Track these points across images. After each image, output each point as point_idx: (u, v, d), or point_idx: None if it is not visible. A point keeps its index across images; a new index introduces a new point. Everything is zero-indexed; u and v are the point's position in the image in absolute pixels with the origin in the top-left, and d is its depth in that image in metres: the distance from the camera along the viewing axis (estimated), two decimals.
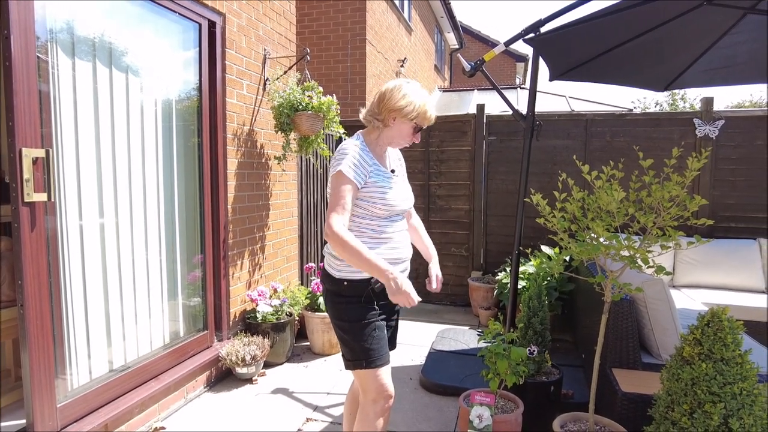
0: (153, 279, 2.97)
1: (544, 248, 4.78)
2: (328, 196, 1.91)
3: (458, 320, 4.89)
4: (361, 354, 1.89)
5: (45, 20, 2.22)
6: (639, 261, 2.01)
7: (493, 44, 17.80)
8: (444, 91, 14.49)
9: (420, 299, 1.77)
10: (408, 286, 1.74)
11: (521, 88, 12.57)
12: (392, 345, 2.10)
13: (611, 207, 2.03)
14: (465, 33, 17.09)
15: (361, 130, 2.03)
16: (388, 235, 1.93)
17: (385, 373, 1.91)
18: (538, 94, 3.19)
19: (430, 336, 4.42)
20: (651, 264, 2.00)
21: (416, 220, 2.28)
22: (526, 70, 19.37)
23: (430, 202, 5.65)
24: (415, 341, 4.29)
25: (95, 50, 2.54)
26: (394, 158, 2.11)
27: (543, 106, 9.10)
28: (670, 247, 1.97)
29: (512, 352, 2.29)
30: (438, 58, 14.32)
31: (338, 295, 1.93)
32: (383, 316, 1.95)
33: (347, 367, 1.93)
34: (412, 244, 2.14)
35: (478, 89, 13.16)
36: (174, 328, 3.16)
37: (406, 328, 4.69)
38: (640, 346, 2.70)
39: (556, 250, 4.65)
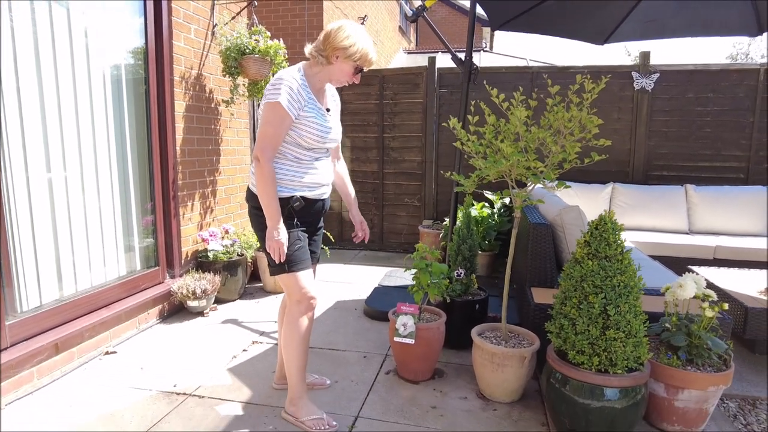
0: (104, 213, 3.06)
1: (486, 193, 5.03)
2: (258, 119, 2.00)
3: (409, 264, 5.12)
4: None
5: None
6: (542, 178, 2.22)
7: (459, 8, 17.77)
8: (409, 53, 14.48)
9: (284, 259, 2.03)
10: (283, 240, 1.99)
11: (484, 50, 12.67)
12: (315, 258, 2.29)
13: (520, 129, 2.23)
14: None
15: (303, 62, 2.09)
16: (308, 163, 2.09)
17: (306, 277, 2.11)
18: (500, 56, 3.36)
19: (380, 277, 4.64)
20: (553, 179, 2.22)
21: (342, 167, 2.43)
22: (492, 35, 19.42)
23: (384, 154, 5.80)
24: (365, 282, 4.51)
25: None
26: (330, 96, 2.22)
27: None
28: (570, 162, 2.18)
29: (433, 267, 2.51)
30: (402, 20, 14.23)
31: (261, 210, 2.06)
32: (303, 229, 2.13)
33: (272, 274, 2.11)
34: (334, 188, 2.34)
35: (442, 51, 13.20)
36: (125, 263, 3.27)
37: (359, 271, 4.91)
38: (558, 267, 2.96)
39: (498, 194, 4.91)
